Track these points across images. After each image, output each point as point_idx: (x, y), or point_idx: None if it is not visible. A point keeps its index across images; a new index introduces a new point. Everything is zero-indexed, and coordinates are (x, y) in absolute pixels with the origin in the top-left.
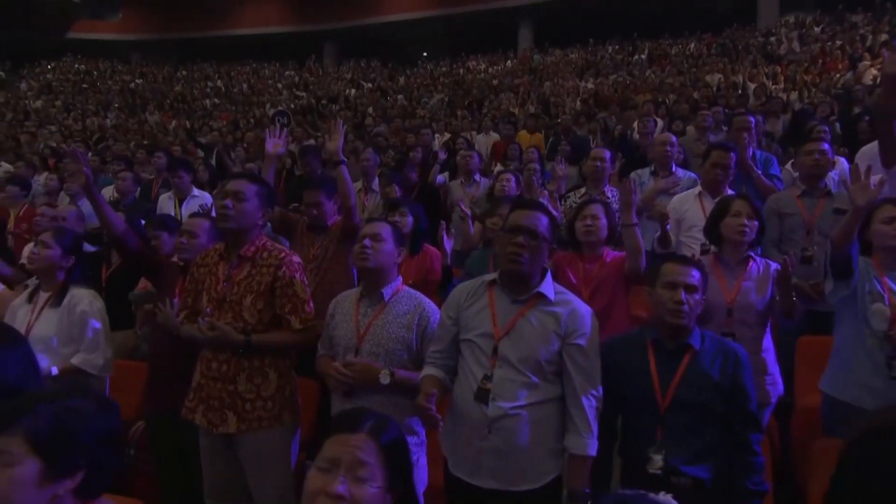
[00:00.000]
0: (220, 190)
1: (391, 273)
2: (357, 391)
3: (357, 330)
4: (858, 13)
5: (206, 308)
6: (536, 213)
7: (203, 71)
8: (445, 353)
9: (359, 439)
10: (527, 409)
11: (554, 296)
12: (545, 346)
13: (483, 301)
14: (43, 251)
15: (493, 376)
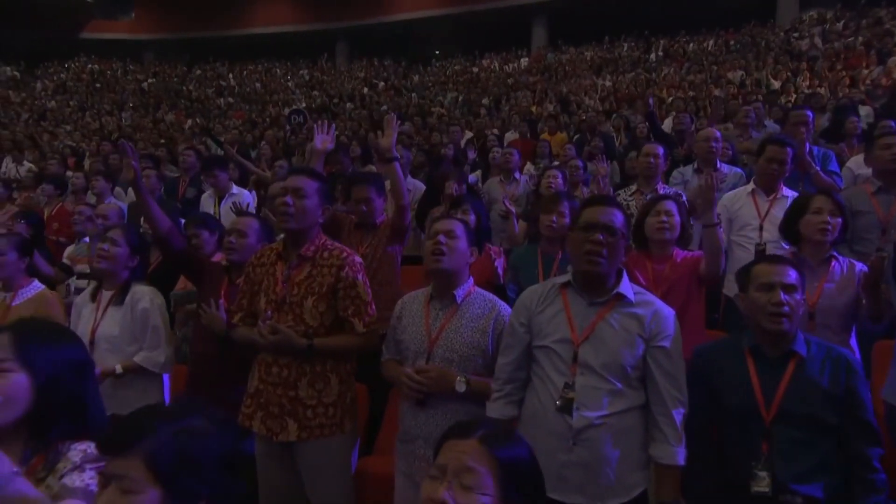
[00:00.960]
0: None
1: (464, 273)
2: (430, 399)
3: (428, 334)
4: (882, 7)
5: (266, 311)
6: (612, 208)
7: (216, 70)
8: (515, 365)
9: (468, 445)
10: (613, 418)
11: (634, 296)
12: (629, 351)
13: (557, 305)
14: (112, 249)
15: (574, 384)
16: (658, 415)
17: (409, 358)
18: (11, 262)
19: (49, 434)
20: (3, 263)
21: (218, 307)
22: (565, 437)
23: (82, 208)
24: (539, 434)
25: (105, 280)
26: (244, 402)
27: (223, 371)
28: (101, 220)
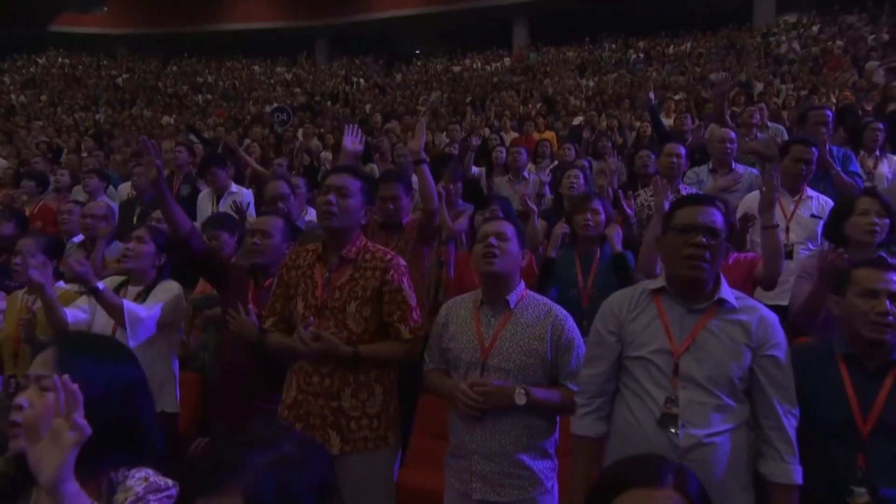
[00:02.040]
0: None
1: (516, 277)
2: (487, 412)
3: (481, 343)
4: (854, 13)
5: (308, 317)
6: (711, 208)
7: (192, 67)
8: (606, 377)
9: (664, 495)
10: (722, 436)
11: (736, 301)
12: (736, 361)
13: (650, 312)
14: (138, 247)
15: (677, 399)
16: (769, 430)
17: (461, 368)
18: (39, 265)
19: (100, 461)
20: (26, 267)
21: (248, 312)
22: (669, 457)
23: (71, 206)
24: (636, 452)
25: (132, 279)
26: (280, 413)
27: (256, 380)
28: (89, 219)
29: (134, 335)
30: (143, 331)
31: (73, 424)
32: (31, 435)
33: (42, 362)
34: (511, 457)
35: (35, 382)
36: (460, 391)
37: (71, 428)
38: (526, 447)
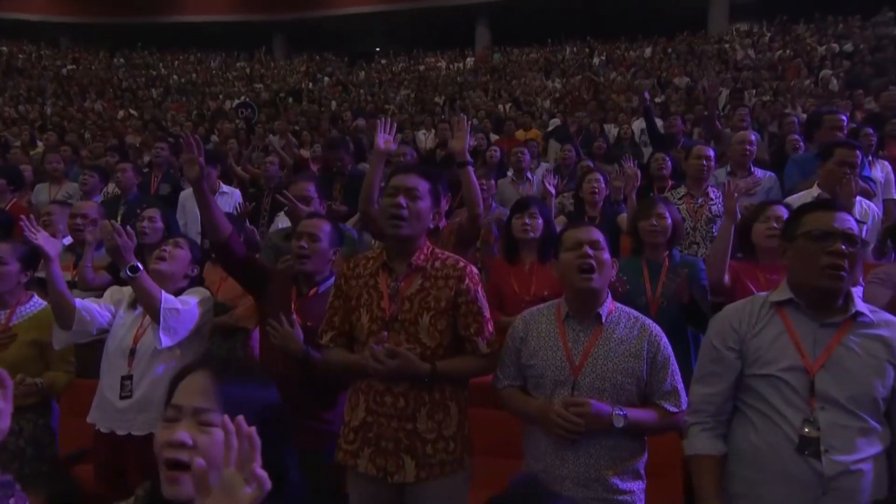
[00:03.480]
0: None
1: (606, 289)
2: (581, 437)
3: (570, 359)
4: (800, 23)
5: (375, 331)
6: (845, 213)
7: (143, 59)
8: (725, 396)
9: None
10: (868, 463)
11: (872, 315)
12: (880, 380)
13: (776, 326)
14: (175, 251)
15: (816, 420)
16: None
17: (546, 386)
18: (12, 273)
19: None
20: (2, 275)
21: (292, 324)
22: (811, 486)
23: (54, 207)
24: (770, 479)
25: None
26: (345, 436)
27: (305, 399)
28: (79, 219)
29: (168, 332)
30: (180, 328)
31: (250, 477)
32: (202, 487)
33: (197, 391)
34: (606, 482)
35: (192, 416)
36: (556, 413)
37: (247, 482)
38: (620, 470)
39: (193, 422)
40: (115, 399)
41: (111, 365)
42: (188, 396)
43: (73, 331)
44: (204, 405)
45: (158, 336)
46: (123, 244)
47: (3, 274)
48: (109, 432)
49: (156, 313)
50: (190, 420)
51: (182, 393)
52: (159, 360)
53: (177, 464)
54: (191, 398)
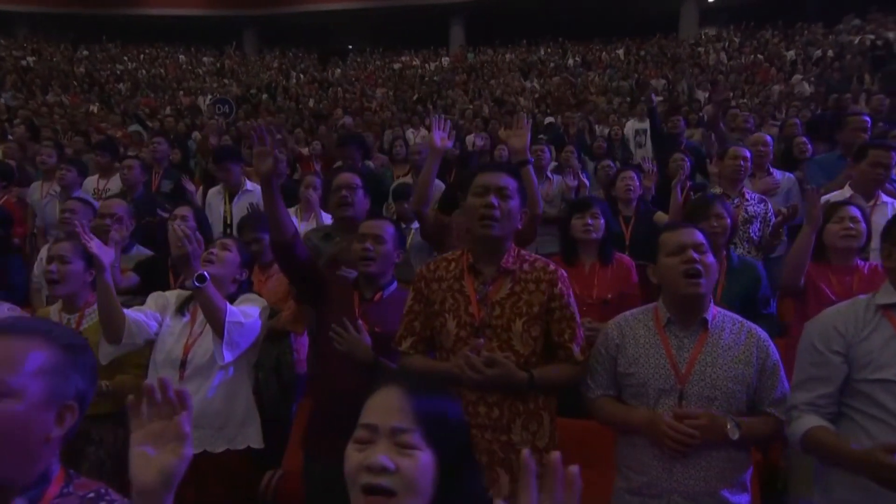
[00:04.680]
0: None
1: (710, 293)
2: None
3: (675, 367)
4: (767, 29)
5: (477, 338)
6: None
7: (108, 52)
8: (829, 400)
9: None
10: None
11: None
12: None
13: (885, 330)
14: (222, 253)
15: None
16: None
17: (650, 396)
18: (77, 272)
19: None
20: (67, 274)
21: (359, 330)
22: None
23: (75, 204)
24: (881, 492)
25: None
26: None
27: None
28: (108, 219)
29: (231, 346)
30: (242, 342)
31: None
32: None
33: (393, 409)
34: (716, 495)
35: (389, 437)
36: (667, 424)
37: None
38: (731, 483)
39: (391, 443)
40: None
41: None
42: (384, 415)
43: (122, 344)
44: (402, 425)
45: (221, 351)
46: (193, 252)
47: (67, 273)
48: None
49: (220, 327)
50: (387, 441)
51: (375, 411)
52: (213, 372)
53: (376, 489)
54: (387, 417)
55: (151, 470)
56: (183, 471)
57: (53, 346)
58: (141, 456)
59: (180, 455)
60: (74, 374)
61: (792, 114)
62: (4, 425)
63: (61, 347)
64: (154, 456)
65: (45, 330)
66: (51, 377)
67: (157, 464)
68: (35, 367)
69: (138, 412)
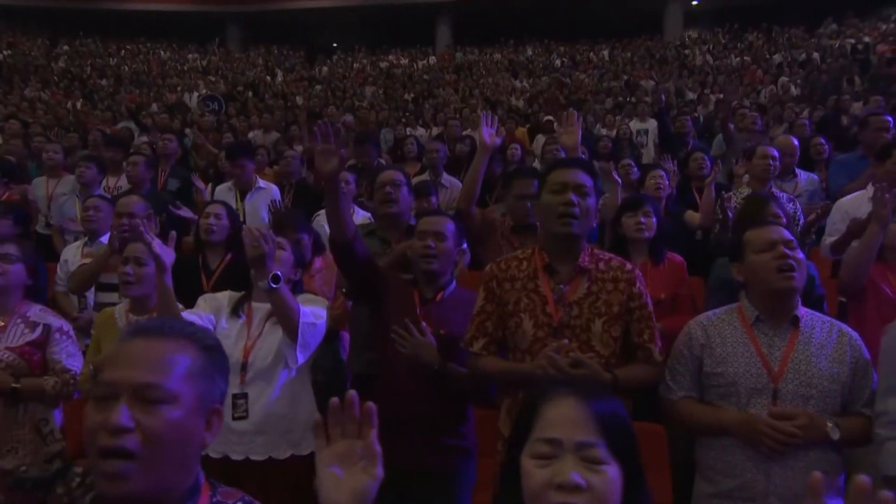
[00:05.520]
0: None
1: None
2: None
3: (767, 366)
4: (751, 32)
5: (562, 340)
6: None
7: (88, 47)
8: None
9: None
10: None
11: None
12: None
13: None
14: (278, 253)
15: None
16: None
17: (740, 396)
18: (152, 274)
19: None
20: (143, 276)
21: (422, 331)
22: None
23: (97, 202)
24: None
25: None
26: (505, 451)
27: (441, 413)
28: (126, 218)
29: (304, 348)
30: (312, 343)
31: None
32: None
33: (574, 422)
34: None
35: (574, 452)
36: (765, 424)
37: None
38: (828, 486)
39: (577, 458)
40: (229, 420)
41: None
42: (567, 429)
43: None
44: (588, 439)
45: (294, 354)
46: (270, 252)
47: (143, 276)
48: (222, 457)
49: (294, 329)
50: (573, 457)
51: (556, 425)
52: (276, 375)
53: None
54: (571, 431)
55: (343, 491)
56: (375, 491)
57: (198, 348)
58: (330, 477)
59: (373, 475)
60: (217, 377)
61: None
62: (168, 434)
63: (203, 349)
64: (344, 477)
65: (189, 331)
66: (200, 380)
67: (348, 485)
68: (185, 370)
69: (322, 432)
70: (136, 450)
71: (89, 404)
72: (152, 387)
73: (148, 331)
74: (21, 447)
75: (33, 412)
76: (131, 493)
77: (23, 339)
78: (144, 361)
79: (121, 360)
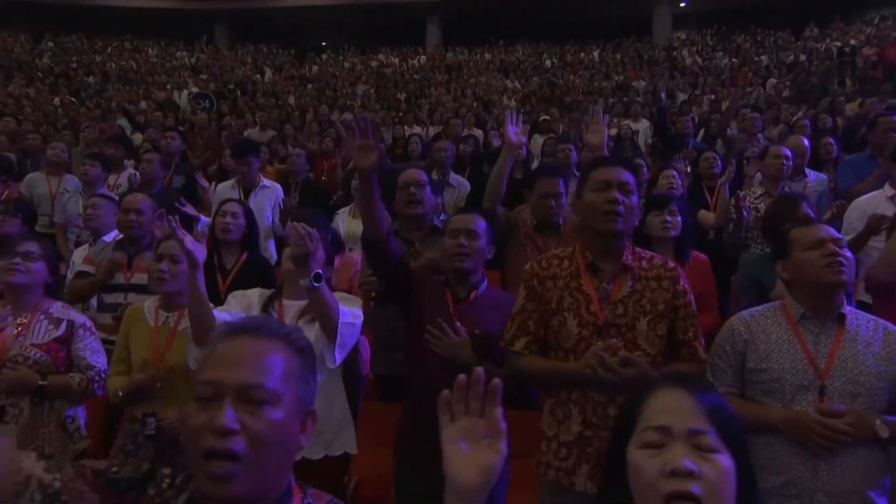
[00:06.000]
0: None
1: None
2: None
3: (813, 363)
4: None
5: (613, 338)
6: None
7: (72, 44)
8: None
9: None
10: None
11: None
12: None
13: None
14: None
15: None
16: None
17: (786, 392)
18: (185, 271)
19: None
20: (177, 273)
21: (457, 331)
22: None
23: (97, 200)
24: None
25: (287, 291)
26: (553, 452)
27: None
28: (133, 214)
29: (342, 348)
30: (348, 343)
31: None
32: None
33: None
34: (863, 496)
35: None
36: (816, 421)
37: None
38: (875, 484)
39: (689, 446)
40: None
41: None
42: (677, 417)
43: None
44: (699, 426)
45: (332, 354)
46: (314, 250)
47: (177, 272)
48: None
49: (334, 329)
50: (684, 444)
51: (665, 413)
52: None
53: (685, 496)
54: (681, 418)
55: (471, 468)
56: (501, 468)
57: (293, 349)
58: (457, 453)
59: (499, 451)
60: (311, 378)
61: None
62: (272, 436)
63: (297, 350)
64: (469, 453)
65: (284, 332)
66: (297, 381)
67: (475, 461)
68: (284, 371)
69: (448, 408)
70: (242, 452)
71: (192, 404)
72: (257, 388)
73: (247, 330)
74: (47, 445)
75: (59, 410)
76: (236, 495)
77: (48, 335)
78: (247, 362)
79: (223, 360)
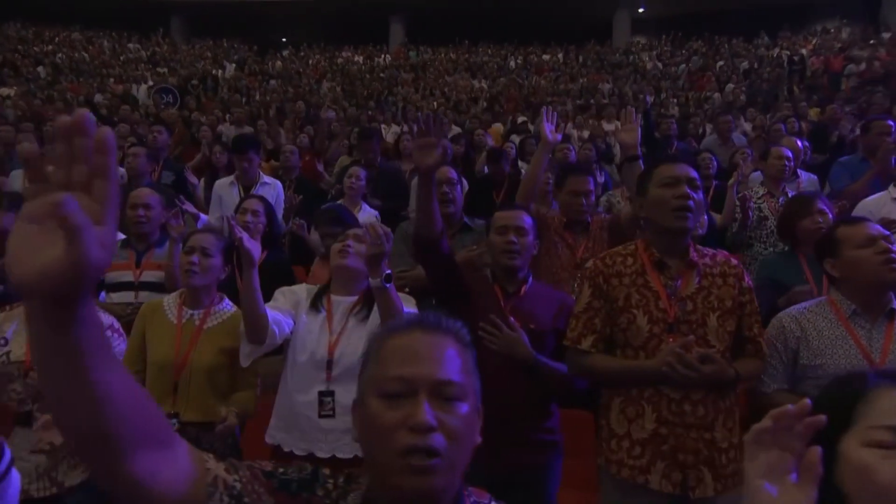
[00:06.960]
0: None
1: None
2: None
3: (867, 358)
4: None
5: (688, 336)
6: None
7: (18, 33)
8: None
9: None
10: None
11: None
12: None
13: None
14: (358, 245)
15: None
16: None
17: None
18: (217, 267)
19: None
20: (208, 267)
21: (512, 327)
22: None
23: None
24: None
25: (337, 286)
26: (627, 450)
27: (530, 409)
28: (142, 209)
29: None
30: None
31: None
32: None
33: None
34: None
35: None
36: None
37: None
38: None
39: None
40: (315, 417)
41: (303, 378)
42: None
43: (264, 345)
44: None
45: None
46: (388, 251)
47: (208, 267)
48: (307, 455)
49: None
50: None
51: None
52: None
53: None
54: None
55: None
56: None
57: (462, 344)
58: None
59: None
60: (477, 374)
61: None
62: (464, 431)
63: (466, 345)
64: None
65: (452, 327)
66: (473, 376)
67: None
68: (462, 365)
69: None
70: (442, 448)
71: (375, 401)
72: (449, 384)
73: (425, 325)
74: None
75: None
76: (437, 487)
77: None
78: (433, 357)
79: (408, 356)
